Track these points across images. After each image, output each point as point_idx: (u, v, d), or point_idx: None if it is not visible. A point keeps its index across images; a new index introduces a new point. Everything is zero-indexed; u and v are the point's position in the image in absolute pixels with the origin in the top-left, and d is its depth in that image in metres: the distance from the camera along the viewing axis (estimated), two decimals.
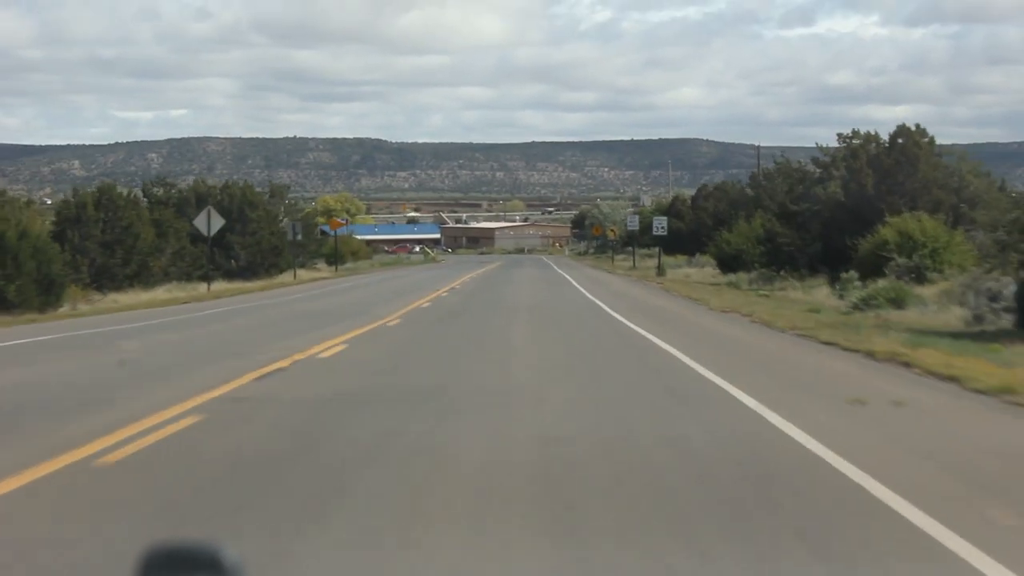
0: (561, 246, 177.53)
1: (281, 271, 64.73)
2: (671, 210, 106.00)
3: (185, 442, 10.21)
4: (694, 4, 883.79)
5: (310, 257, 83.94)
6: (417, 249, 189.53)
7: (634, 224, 79.90)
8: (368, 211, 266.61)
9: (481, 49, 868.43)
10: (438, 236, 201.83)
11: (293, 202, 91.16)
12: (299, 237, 60.30)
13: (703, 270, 66.12)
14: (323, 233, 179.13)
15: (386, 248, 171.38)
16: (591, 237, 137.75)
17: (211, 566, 2.46)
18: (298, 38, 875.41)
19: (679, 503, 7.68)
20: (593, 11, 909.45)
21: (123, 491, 8.21)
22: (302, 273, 73.01)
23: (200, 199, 61.51)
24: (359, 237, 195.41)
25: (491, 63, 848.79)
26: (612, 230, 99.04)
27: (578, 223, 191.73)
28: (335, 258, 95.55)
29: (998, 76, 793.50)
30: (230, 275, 62.16)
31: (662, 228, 73.00)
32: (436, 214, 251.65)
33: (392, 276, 68.54)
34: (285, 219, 61.08)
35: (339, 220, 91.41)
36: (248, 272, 62.94)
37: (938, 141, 49.97)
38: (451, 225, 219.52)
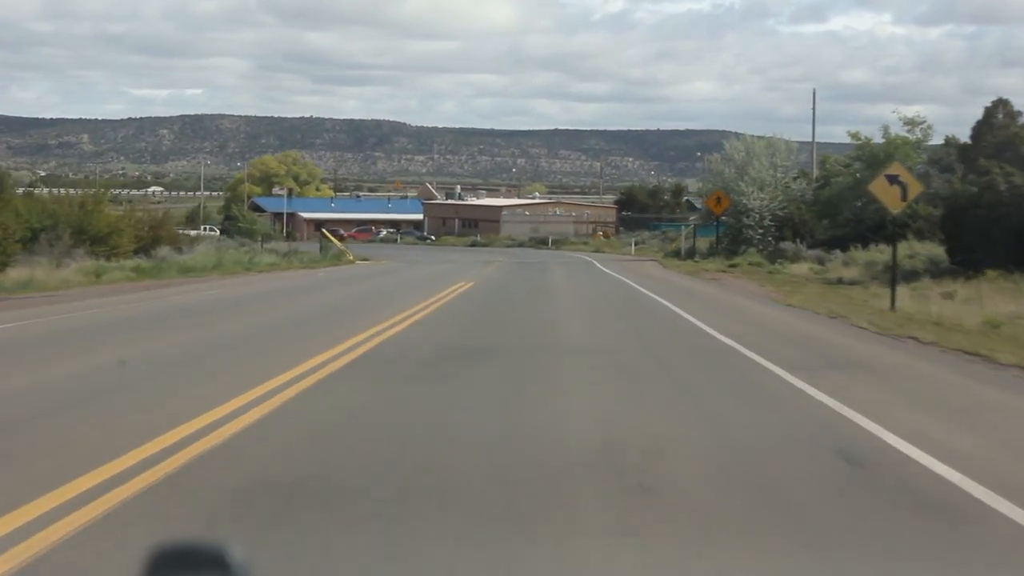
0: (607, 236, 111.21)
1: None
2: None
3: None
4: None
5: None
6: (384, 232, 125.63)
7: None
8: (373, 190, 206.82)
9: (492, 35, 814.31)
10: (420, 216, 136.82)
11: None
12: None
13: None
14: (256, 209, 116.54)
15: (342, 232, 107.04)
16: (706, 216, 70.73)
17: (217, 564, 2.43)
18: (307, 19, 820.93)
19: None
20: (606, 1, 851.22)
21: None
22: None
23: None
24: (306, 216, 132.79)
25: (502, 50, 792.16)
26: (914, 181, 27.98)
27: (627, 204, 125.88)
28: None
29: (1012, 78, 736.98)
30: None
31: None
32: (423, 186, 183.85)
33: None
34: None
35: None
36: None
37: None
38: (439, 201, 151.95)
